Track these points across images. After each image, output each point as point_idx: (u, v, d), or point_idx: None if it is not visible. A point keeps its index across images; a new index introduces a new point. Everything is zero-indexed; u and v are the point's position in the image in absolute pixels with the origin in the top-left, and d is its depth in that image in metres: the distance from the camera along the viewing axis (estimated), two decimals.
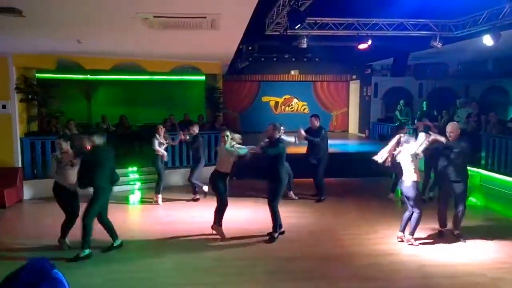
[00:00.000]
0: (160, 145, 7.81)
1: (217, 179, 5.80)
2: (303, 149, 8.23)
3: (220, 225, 5.82)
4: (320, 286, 4.43)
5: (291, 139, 7.35)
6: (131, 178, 9.20)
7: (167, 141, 8.01)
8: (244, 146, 5.85)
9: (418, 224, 5.50)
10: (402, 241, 5.60)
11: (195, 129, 8.15)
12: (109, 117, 12.06)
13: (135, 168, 9.34)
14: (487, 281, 4.51)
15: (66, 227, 5.50)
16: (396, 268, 4.89)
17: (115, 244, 5.40)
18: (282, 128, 6.18)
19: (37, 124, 9.59)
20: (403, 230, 5.64)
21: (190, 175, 8.12)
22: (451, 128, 5.71)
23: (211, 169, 6.21)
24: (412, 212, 5.48)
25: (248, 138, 7.67)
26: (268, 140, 5.88)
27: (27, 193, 8.29)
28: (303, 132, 7.64)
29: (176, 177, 9.56)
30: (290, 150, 7.03)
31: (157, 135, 7.81)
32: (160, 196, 7.86)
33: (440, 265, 4.92)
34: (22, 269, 1.11)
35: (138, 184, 9.09)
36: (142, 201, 8.16)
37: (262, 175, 6.24)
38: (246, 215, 7.06)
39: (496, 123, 9.53)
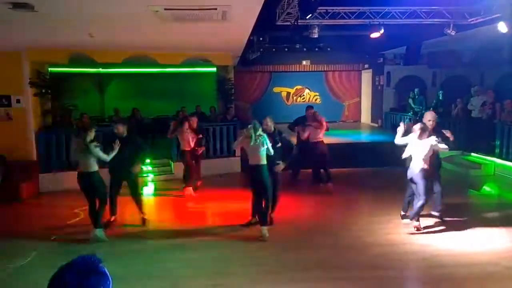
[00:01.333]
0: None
1: (258, 172, 5.57)
2: None
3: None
4: (333, 275, 4.47)
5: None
6: (144, 170, 9.32)
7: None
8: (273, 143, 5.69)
9: (420, 211, 5.57)
10: (406, 217, 5.79)
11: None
12: (121, 110, 12.17)
13: (148, 160, 9.42)
14: (501, 270, 4.49)
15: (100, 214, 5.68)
16: (410, 258, 4.90)
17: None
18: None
19: (51, 118, 9.74)
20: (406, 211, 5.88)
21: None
22: (432, 116, 5.93)
23: (221, 161, 6.23)
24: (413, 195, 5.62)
25: None
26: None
27: (43, 187, 8.42)
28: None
29: None
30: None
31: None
32: (190, 188, 7.87)
33: (454, 255, 4.91)
34: (72, 262, 1.21)
35: (151, 176, 9.20)
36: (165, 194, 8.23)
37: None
38: None
39: (511, 110, 9.36)
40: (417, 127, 5.47)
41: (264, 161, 5.54)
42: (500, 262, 4.67)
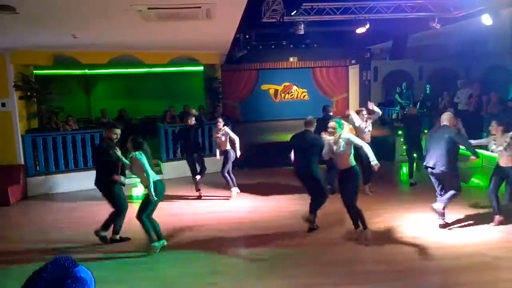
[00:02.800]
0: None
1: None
2: None
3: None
4: (324, 268, 4.48)
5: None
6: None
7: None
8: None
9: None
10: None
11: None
12: (108, 111, 12.05)
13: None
14: (489, 261, 4.56)
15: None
16: (398, 251, 4.93)
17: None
18: None
19: (37, 120, 9.61)
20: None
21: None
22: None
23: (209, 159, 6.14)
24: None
25: (250, 127, 7.67)
26: None
27: (31, 190, 8.33)
28: None
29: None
30: None
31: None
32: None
33: (443, 247, 4.97)
34: (45, 267, 1.13)
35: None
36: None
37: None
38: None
39: (497, 102, 9.48)
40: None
41: None
42: (487, 253, 4.74)
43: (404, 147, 8.98)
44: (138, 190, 8.28)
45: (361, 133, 6.90)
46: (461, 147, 5.73)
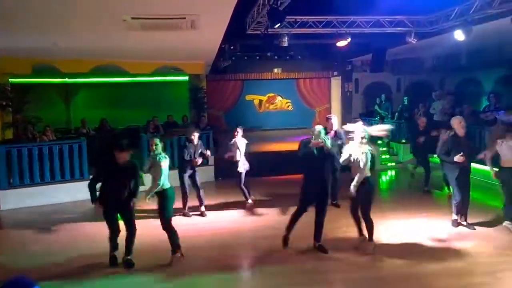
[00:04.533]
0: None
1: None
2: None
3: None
4: (295, 280, 4.56)
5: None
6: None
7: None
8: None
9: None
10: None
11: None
12: (89, 121, 11.74)
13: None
14: (463, 265, 4.70)
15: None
16: (375, 257, 5.01)
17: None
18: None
19: (12, 131, 9.29)
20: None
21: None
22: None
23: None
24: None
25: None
26: None
27: (4, 204, 7.84)
28: None
29: None
30: None
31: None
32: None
33: (417, 252, 5.09)
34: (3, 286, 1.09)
35: None
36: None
37: None
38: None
39: (470, 114, 9.85)
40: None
41: None
42: (464, 258, 4.89)
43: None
44: None
45: None
46: None
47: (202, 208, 6.98)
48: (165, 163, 5.07)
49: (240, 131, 7.15)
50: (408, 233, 5.80)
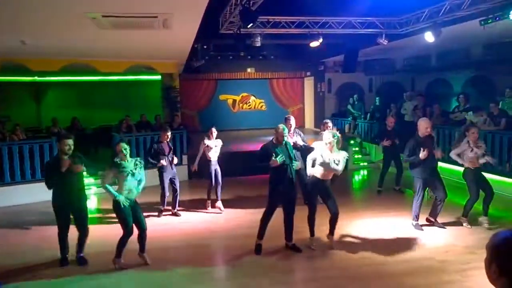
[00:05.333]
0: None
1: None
2: None
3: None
4: (277, 280, 4.58)
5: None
6: (86, 182, 8.89)
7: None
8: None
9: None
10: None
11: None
12: (60, 120, 11.56)
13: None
14: (435, 264, 4.82)
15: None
16: (348, 257, 5.09)
17: None
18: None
19: None
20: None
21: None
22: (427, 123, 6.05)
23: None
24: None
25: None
26: None
27: None
28: None
29: None
30: None
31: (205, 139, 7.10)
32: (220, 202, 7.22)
33: (391, 252, 5.17)
34: None
35: (94, 189, 8.83)
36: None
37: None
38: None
39: (440, 114, 10.15)
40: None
41: None
42: (434, 256, 5.02)
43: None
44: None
45: None
46: None
47: (176, 209, 7.02)
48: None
49: (215, 132, 7.15)
50: (380, 232, 5.91)
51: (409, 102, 10.99)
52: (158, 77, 13.35)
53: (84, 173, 5.17)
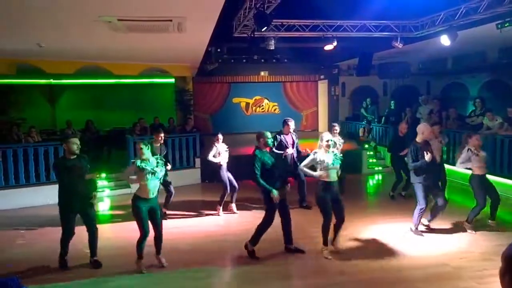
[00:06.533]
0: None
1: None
2: None
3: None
4: (290, 283, 4.51)
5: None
6: (100, 185, 8.98)
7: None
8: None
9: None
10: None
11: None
12: (74, 122, 11.70)
13: (103, 175, 9.05)
14: (450, 271, 4.73)
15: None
16: (364, 262, 5.01)
17: None
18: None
19: None
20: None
21: None
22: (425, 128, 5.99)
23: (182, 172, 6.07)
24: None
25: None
26: None
27: None
28: None
29: None
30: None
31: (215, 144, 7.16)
32: (233, 204, 7.27)
33: (409, 257, 5.10)
34: None
35: (107, 191, 8.89)
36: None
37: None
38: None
39: (456, 118, 9.96)
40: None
41: None
42: (449, 263, 4.92)
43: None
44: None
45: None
46: None
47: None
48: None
49: (221, 137, 7.18)
50: (393, 237, 5.81)
51: (424, 106, 10.82)
52: (172, 80, 13.42)
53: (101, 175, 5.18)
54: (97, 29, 6.14)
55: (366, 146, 11.52)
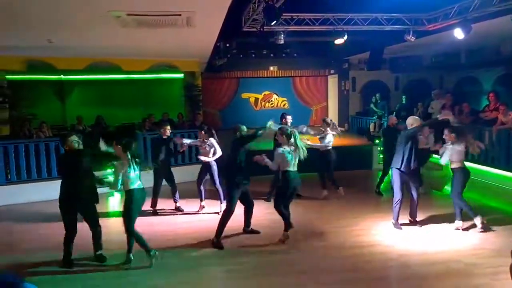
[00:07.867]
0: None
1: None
2: None
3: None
4: (301, 280, 4.48)
5: None
6: (110, 180, 8.98)
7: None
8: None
9: None
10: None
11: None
12: (85, 118, 11.79)
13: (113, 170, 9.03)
14: (462, 267, 4.67)
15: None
16: (376, 258, 4.98)
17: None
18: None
19: (8, 127, 9.30)
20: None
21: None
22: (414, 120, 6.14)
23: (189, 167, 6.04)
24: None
25: (230, 135, 7.50)
26: None
27: (2, 199, 7.92)
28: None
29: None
30: None
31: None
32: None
33: (419, 254, 5.05)
34: None
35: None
36: None
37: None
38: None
39: (469, 113, 9.78)
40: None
41: None
42: (461, 259, 4.86)
43: (381, 156, 9.10)
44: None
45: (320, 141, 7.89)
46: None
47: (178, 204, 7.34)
48: None
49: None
50: (405, 234, 5.76)
51: (436, 100, 10.64)
52: (181, 75, 13.40)
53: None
54: (106, 25, 6.14)
55: (377, 141, 11.38)
